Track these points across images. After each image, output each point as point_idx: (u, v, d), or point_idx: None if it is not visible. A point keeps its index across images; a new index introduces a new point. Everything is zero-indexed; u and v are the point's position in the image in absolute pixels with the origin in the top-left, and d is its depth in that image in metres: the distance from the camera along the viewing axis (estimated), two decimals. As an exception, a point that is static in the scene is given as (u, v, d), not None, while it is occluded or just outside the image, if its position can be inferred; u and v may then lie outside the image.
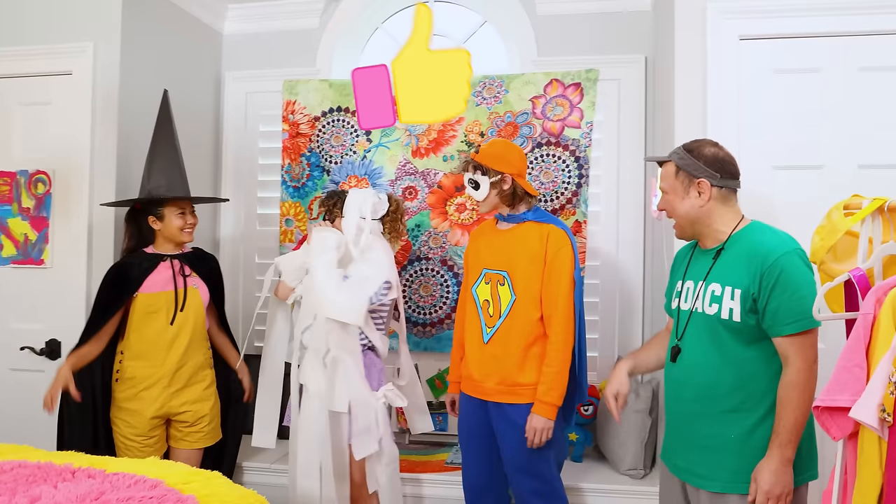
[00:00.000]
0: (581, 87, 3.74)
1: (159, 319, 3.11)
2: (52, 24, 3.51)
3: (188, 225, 3.20)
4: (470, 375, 2.97)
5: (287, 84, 4.01)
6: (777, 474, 2.05)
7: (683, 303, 2.35)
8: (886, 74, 2.93)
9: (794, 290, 2.06)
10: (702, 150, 2.26)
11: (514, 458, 2.86)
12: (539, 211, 2.95)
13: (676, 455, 2.34)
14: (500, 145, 2.99)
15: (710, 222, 2.26)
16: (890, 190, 2.70)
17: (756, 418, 2.15)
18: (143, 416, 3.08)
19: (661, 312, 3.50)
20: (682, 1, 3.06)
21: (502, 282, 2.88)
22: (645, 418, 3.37)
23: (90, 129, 3.46)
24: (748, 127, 2.98)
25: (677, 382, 2.33)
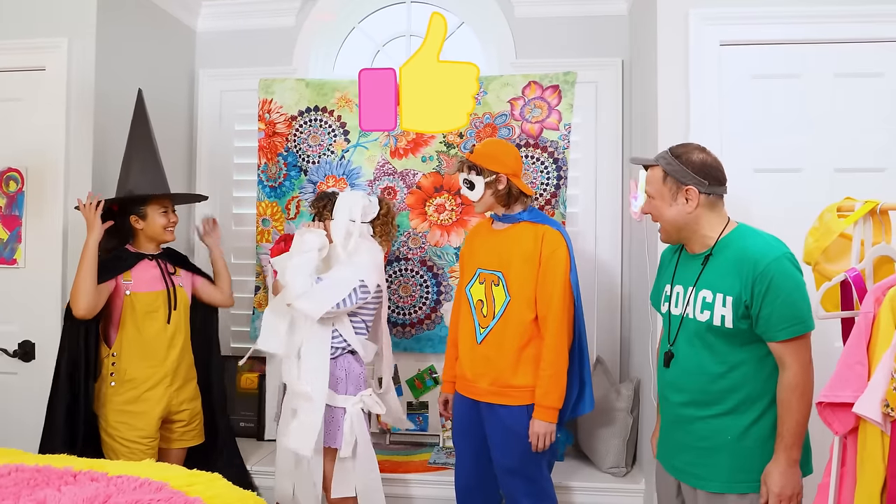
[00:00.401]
0: (559, 89, 3.77)
1: (158, 318, 3.13)
2: (24, 19, 3.42)
3: (171, 223, 3.20)
4: (463, 375, 2.99)
5: (263, 83, 3.97)
6: (786, 476, 2.10)
7: (674, 307, 2.38)
8: (861, 81, 3.02)
9: (787, 296, 2.09)
10: (690, 157, 2.26)
11: (504, 460, 2.88)
12: (534, 211, 2.96)
13: (673, 456, 2.38)
14: (495, 145, 2.99)
15: (697, 228, 2.28)
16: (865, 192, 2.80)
17: (751, 419, 2.19)
18: (151, 416, 3.06)
19: (641, 312, 3.58)
20: (664, 7, 3.11)
21: (497, 282, 2.89)
22: (626, 417, 3.42)
23: (65, 126, 3.37)
24: (729, 131, 3.04)
25: (671, 386, 2.36)
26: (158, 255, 3.22)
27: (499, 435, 2.87)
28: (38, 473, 1.99)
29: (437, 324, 3.89)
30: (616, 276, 3.88)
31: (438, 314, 3.89)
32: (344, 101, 3.91)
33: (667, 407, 2.41)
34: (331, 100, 3.92)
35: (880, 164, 3.00)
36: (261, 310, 4.00)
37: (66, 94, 3.38)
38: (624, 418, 3.42)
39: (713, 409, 2.23)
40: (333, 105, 3.92)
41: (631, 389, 3.45)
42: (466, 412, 3.00)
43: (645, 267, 3.35)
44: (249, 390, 3.96)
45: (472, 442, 3.00)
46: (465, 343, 3.00)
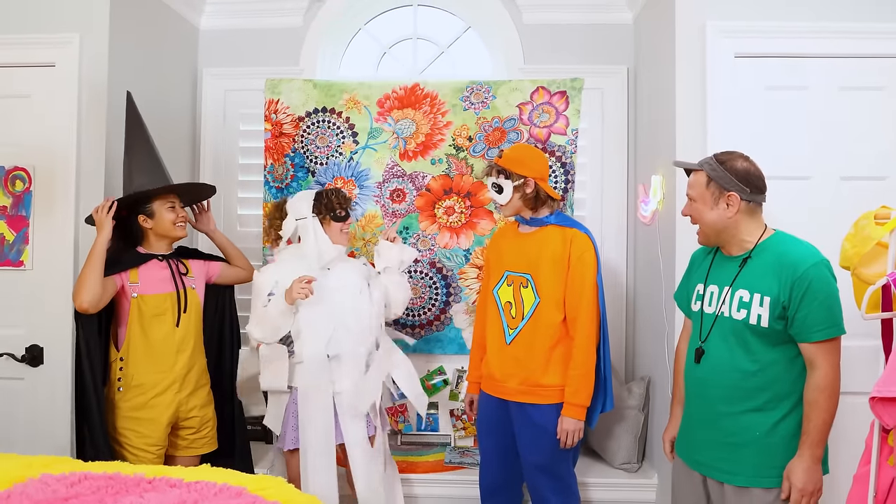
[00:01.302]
0: (566, 95, 3.86)
1: (167, 322, 3.02)
2: (33, 14, 3.32)
3: (180, 219, 3.09)
4: (491, 375, 3.04)
5: (270, 83, 3.94)
6: (809, 472, 2.20)
7: (707, 306, 2.46)
8: (864, 93, 3.18)
9: (823, 300, 2.19)
10: (734, 164, 2.35)
11: (533, 458, 2.94)
12: (561, 215, 3.04)
13: (698, 451, 2.46)
14: (523, 150, 3.06)
15: (736, 232, 2.37)
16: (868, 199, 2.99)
17: (778, 416, 2.28)
18: (159, 423, 2.98)
19: (648, 313, 3.69)
20: (682, 19, 3.21)
21: (525, 284, 2.96)
22: (637, 414, 3.53)
23: (76, 124, 3.27)
24: (743, 139, 3.13)
25: (701, 382, 2.44)
26: (170, 255, 3.13)
27: (529, 433, 2.94)
28: (112, 480, 1.98)
29: (446, 325, 3.94)
30: (622, 277, 4.00)
31: (448, 315, 3.94)
32: (352, 103, 3.92)
33: (695, 403, 2.49)
34: (339, 101, 3.92)
35: (882, 173, 3.16)
36: (267, 311, 3.98)
37: (78, 91, 3.29)
38: (635, 416, 3.53)
39: (743, 406, 2.32)
40: (342, 106, 3.92)
41: (642, 388, 3.56)
42: (494, 411, 3.06)
43: (655, 268, 3.47)
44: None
45: (498, 441, 3.06)
46: (493, 344, 3.06)
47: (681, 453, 2.57)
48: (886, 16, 3.14)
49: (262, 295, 3.01)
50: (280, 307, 2.92)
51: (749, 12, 3.18)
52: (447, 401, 3.97)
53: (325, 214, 3.08)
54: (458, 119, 3.90)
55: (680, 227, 3.15)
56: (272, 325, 2.96)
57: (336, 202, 3.11)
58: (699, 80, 3.19)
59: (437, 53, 4.25)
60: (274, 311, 2.93)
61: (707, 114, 3.18)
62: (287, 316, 2.95)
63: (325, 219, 3.09)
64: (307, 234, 3.06)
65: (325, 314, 3.00)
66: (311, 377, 3.00)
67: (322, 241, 3.06)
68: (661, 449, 3.34)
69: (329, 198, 3.11)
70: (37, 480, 2.02)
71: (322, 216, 3.09)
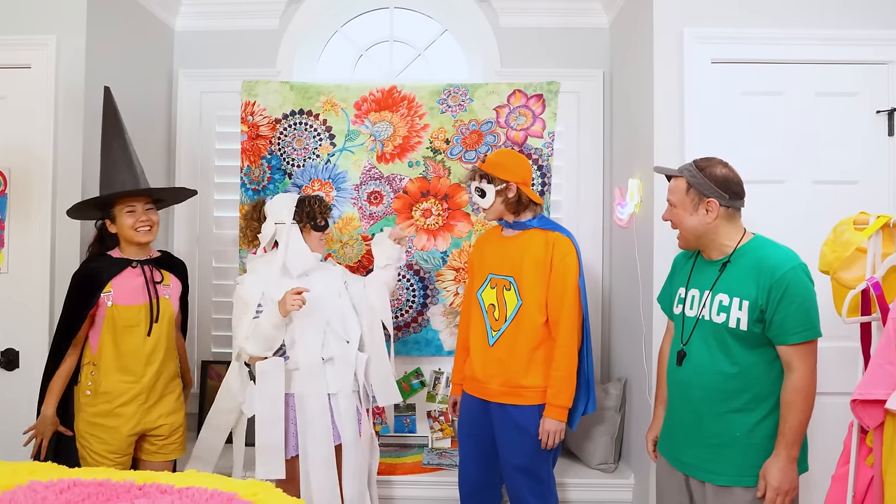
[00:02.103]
0: (543, 98, 3.89)
1: (138, 333, 2.97)
2: (8, 15, 3.29)
3: (140, 223, 2.98)
4: (473, 376, 3.06)
5: (246, 85, 3.92)
6: (784, 472, 2.24)
7: (689, 309, 2.51)
8: (837, 99, 3.24)
9: (800, 303, 2.24)
10: (713, 171, 2.40)
11: (514, 459, 2.97)
12: (544, 219, 3.07)
13: (681, 451, 2.50)
14: (505, 155, 3.08)
15: (716, 237, 2.42)
16: (841, 203, 3.08)
17: (758, 417, 2.33)
18: (121, 433, 2.93)
19: (624, 314, 3.73)
20: (660, 25, 3.25)
21: (508, 287, 2.98)
22: (615, 415, 3.57)
23: (52, 125, 3.26)
24: (719, 143, 3.16)
25: (683, 384, 2.48)
26: (145, 261, 3.06)
27: (510, 434, 2.96)
28: (102, 487, 1.95)
29: (423, 327, 3.95)
30: (597, 279, 4.04)
31: (425, 317, 3.95)
32: (329, 105, 3.91)
33: (677, 404, 2.53)
34: (316, 103, 3.91)
35: (854, 178, 3.23)
36: (243, 313, 3.96)
37: (55, 93, 3.27)
38: (612, 416, 3.57)
39: (723, 407, 2.36)
40: (319, 109, 3.91)
41: (619, 389, 3.59)
42: (475, 412, 3.08)
43: (631, 271, 3.52)
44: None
45: (478, 441, 3.08)
46: (476, 345, 3.08)
47: (664, 453, 2.61)
48: (860, 23, 3.21)
49: (250, 308, 2.99)
50: (274, 320, 2.90)
51: (725, 19, 3.24)
52: (424, 402, 3.98)
53: (306, 222, 3.06)
54: (435, 122, 3.91)
55: (658, 231, 3.19)
56: (266, 339, 2.94)
57: (318, 211, 3.09)
58: (677, 85, 3.23)
59: (413, 56, 4.26)
60: (267, 325, 2.91)
61: (685, 119, 3.22)
62: (280, 328, 2.93)
63: (305, 227, 3.06)
64: (283, 239, 3.03)
65: (315, 320, 2.99)
66: (308, 382, 2.99)
67: (300, 248, 3.03)
68: (638, 449, 3.42)
69: (311, 206, 3.08)
70: (25, 487, 1.99)
71: (302, 224, 3.06)
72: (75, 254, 3.28)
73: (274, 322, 2.89)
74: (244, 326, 2.98)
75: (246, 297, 3.01)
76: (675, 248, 3.11)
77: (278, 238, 3.05)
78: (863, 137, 3.24)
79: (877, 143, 3.23)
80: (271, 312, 2.90)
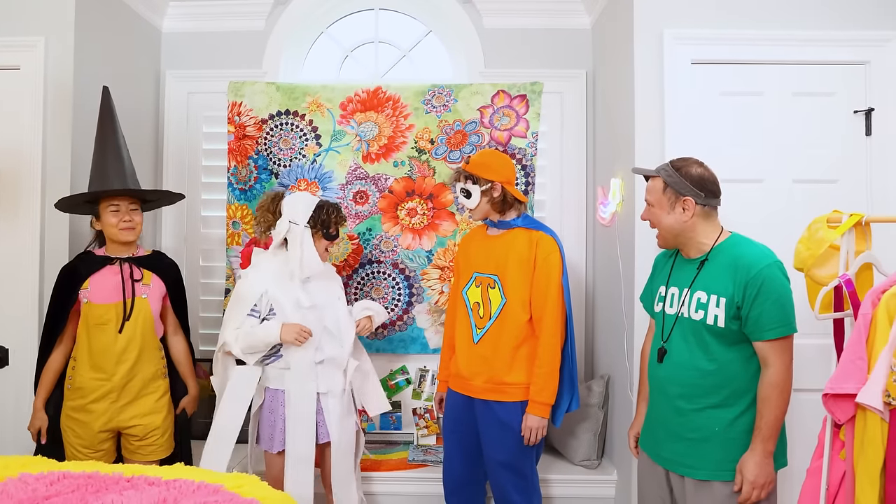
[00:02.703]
0: (527, 98, 3.93)
1: (108, 331, 2.99)
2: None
3: (123, 223, 3.01)
4: (459, 373, 3.09)
5: (233, 85, 3.95)
6: (760, 466, 2.28)
7: (669, 307, 2.55)
8: (816, 99, 3.28)
9: (776, 300, 2.27)
10: (689, 170, 2.44)
11: (497, 455, 3.00)
12: (528, 218, 3.10)
13: (661, 446, 2.54)
14: (489, 155, 3.11)
15: (693, 235, 2.45)
16: (819, 202, 3.13)
17: (737, 412, 2.36)
18: (91, 428, 2.98)
19: (607, 312, 3.77)
20: (640, 26, 3.28)
21: (493, 285, 3.02)
22: (597, 412, 3.61)
23: (41, 126, 3.31)
24: (699, 143, 3.21)
25: (663, 381, 2.52)
26: (132, 259, 3.09)
27: (493, 430, 3.00)
28: (91, 479, 2.00)
29: (409, 325, 3.99)
30: (581, 277, 4.08)
31: (410, 315, 3.99)
32: (315, 106, 3.94)
33: (658, 400, 2.56)
34: (302, 104, 3.95)
35: (833, 176, 3.27)
36: (231, 312, 3.99)
37: (44, 94, 3.31)
38: (595, 413, 3.61)
39: (702, 403, 2.39)
40: (305, 109, 3.95)
41: (602, 386, 3.63)
42: (460, 409, 3.11)
43: (613, 269, 3.56)
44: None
45: (462, 438, 3.12)
46: (461, 343, 3.12)
47: (645, 448, 2.65)
48: (837, 24, 3.25)
49: (246, 305, 3.03)
50: (269, 340, 2.96)
51: (705, 20, 3.27)
52: (410, 400, 4.01)
53: (319, 229, 3.09)
54: (420, 122, 3.94)
55: (639, 229, 3.23)
56: (254, 349, 2.99)
57: (333, 220, 3.13)
58: (657, 85, 3.27)
59: (398, 57, 4.30)
60: (261, 339, 2.96)
61: (665, 119, 3.25)
62: (270, 345, 3.00)
63: (317, 232, 3.09)
64: (295, 241, 3.05)
65: (311, 323, 3.02)
66: (299, 382, 3.03)
67: (310, 254, 3.06)
68: (621, 446, 3.46)
69: (328, 214, 3.11)
70: (16, 479, 2.04)
71: (315, 229, 3.09)
72: (64, 252, 3.32)
73: (269, 341, 2.96)
74: (235, 320, 3.03)
75: (245, 293, 3.05)
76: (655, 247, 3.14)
77: (289, 238, 3.08)
78: (841, 137, 3.28)
79: (855, 142, 3.27)
80: (270, 331, 2.96)
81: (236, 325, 3.02)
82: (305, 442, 3.00)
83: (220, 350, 3.10)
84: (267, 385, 3.08)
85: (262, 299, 3.03)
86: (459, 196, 3.07)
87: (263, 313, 3.04)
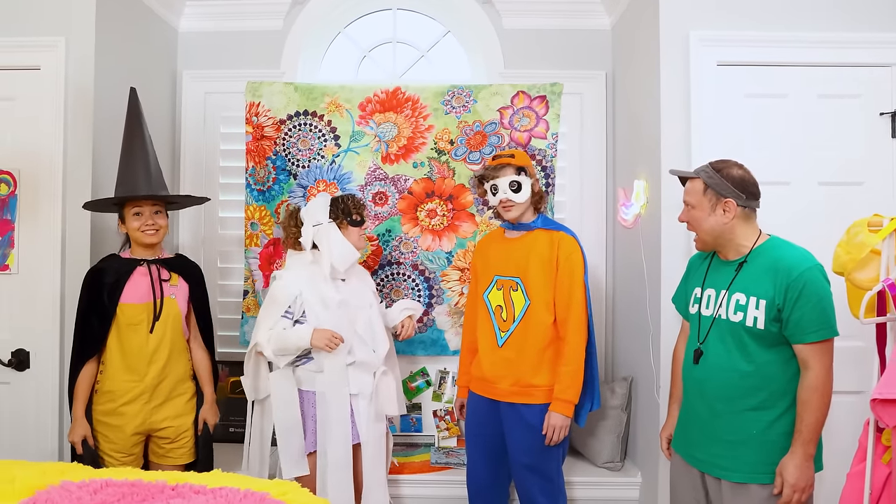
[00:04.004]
0: (546, 99, 3.91)
1: (140, 331, 2.98)
2: (18, 17, 3.29)
3: (146, 226, 3.01)
4: (482, 377, 3.08)
5: (250, 85, 3.92)
6: (801, 469, 2.27)
7: (704, 309, 2.55)
8: (842, 101, 3.28)
9: (817, 303, 2.28)
10: (730, 172, 2.45)
11: (523, 458, 2.99)
12: (547, 219, 3.10)
13: (696, 448, 2.54)
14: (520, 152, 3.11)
15: (733, 237, 2.46)
16: (845, 204, 3.14)
17: (775, 415, 2.36)
18: (124, 432, 2.95)
19: (625, 315, 3.78)
20: (666, 28, 3.28)
21: (515, 288, 3.01)
22: (620, 414, 3.61)
23: (62, 127, 3.28)
24: (725, 145, 3.22)
25: (700, 382, 2.51)
26: (158, 260, 3.08)
27: (519, 433, 2.98)
28: (135, 487, 1.97)
29: (428, 327, 3.97)
30: (601, 279, 4.07)
31: (430, 317, 3.97)
32: (334, 106, 3.92)
33: (694, 401, 2.55)
34: (320, 104, 3.92)
35: (858, 178, 3.27)
36: (249, 314, 3.96)
37: (64, 94, 3.28)
38: (618, 415, 3.61)
39: (740, 405, 2.39)
40: (323, 109, 3.92)
41: (625, 388, 3.63)
42: (483, 412, 3.10)
43: (636, 271, 3.56)
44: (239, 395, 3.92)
45: (486, 441, 3.10)
46: (484, 346, 3.10)
47: (678, 449, 2.64)
48: (864, 26, 3.25)
49: (280, 306, 3.02)
50: (301, 344, 2.95)
51: (731, 22, 3.27)
52: (430, 402, 4.00)
53: (343, 219, 3.09)
54: (439, 123, 3.92)
55: (666, 231, 3.23)
56: (286, 353, 2.99)
57: (352, 207, 3.12)
58: (683, 87, 3.27)
59: (416, 57, 4.28)
60: (293, 344, 2.96)
61: (691, 121, 3.25)
62: (301, 349, 3.00)
63: (343, 223, 3.09)
64: (324, 239, 3.06)
65: (344, 326, 3.02)
66: (333, 385, 3.02)
67: (342, 244, 3.06)
68: (645, 447, 3.46)
69: (345, 203, 3.12)
70: (58, 487, 2.00)
71: (339, 221, 3.09)
72: (86, 254, 3.29)
73: (300, 345, 2.96)
74: (269, 320, 3.01)
75: (279, 295, 3.04)
76: (683, 249, 3.18)
77: (317, 240, 3.07)
78: (866, 139, 3.28)
79: (881, 144, 3.28)
80: (301, 336, 2.95)
81: (269, 325, 3.00)
82: (342, 445, 3.00)
83: (252, 351, 3.08)
84: (299, 387, 3.06)
85: (297, 301, 3.02)
86: (507, 191, 3.01)
87: (297, 315, 3.02)
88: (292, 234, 3.15)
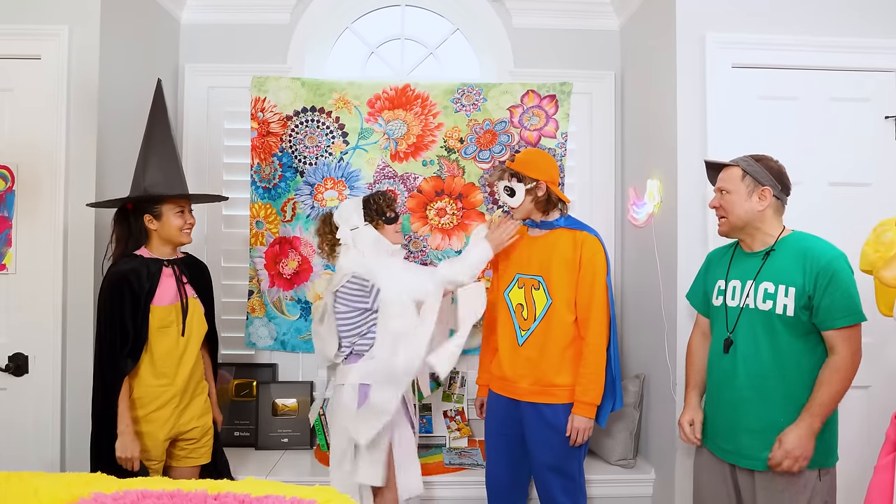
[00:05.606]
0: (556, 98, 3.92)
1: (171, 333, 2.87)
2: (17, 4, 3.15)
3: (188, 225, 2.94)
4: (503, 376, 3.06)
5: (256, 80, 3.85)
6: (801, 439, 2.33)
7: (730, 300, 2.59)
8: (852, 104, 3.36)
9: (845, 289, 2.36)
10: (769, 163, 2.56)
11: (545, 458, 2.97)
12: (571, 218, 3.08)
13: (723, 439, 2.57)
14: (535, 154, 3.09)
15: (761, 226, 2.54)
16: (854, 204, 3.21)
17: (801, 404, 2.39)
18: (157, 439, 2.82)
19: (637, 314, 3.79)
20: (682, 30, 3.31)
21: (537, 286, 2.99)
22: (633, 411, 3.62)
23: (65, 120, 3.13)
24: (738, 145, 3.22)
25: (728, 371, 2.56)
26: (175, 260, 2.97)
27: (541, 432, 2.97)
28: (174, 499, 1.86)
29: (438, 326, 3.94)
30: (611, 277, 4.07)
31: (440, 316, 3.94)
32: (342, 103, 3.86)
33: (723, 391, 2.59)
34: (328, 100, 3.86)
35: (867, 179, 3.34)
36: (254, 315, 3.89)
37: (67, 86, 3.14)
38: (631, 413, 3.62)
39: (769, 393, 2.44)
40: (331, 106, 3.86)
41: (638, 385, 3.65)
42: (503, 412, 3.08)
43: (648, 269, 3.58)
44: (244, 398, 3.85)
45: (506, 441, 3.09)
46: (505, 345, 3.08)
47: (707, 443, 2.67)
48: (874, 32, 3.32)
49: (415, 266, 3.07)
50: (484, 256, 2.98)
51: (746, 26, 3.31)
52: (440, 402, 3.96)
53: (377, 219, 3.03)
54: (449, 121, 3.90)
55: (682, 230, 3.25)
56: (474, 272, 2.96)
57: (385, 205, 3.07)
58: (699, 89, 3.29)
59: (423, 55, 4.24)
60: (477, 259, 2.96)
61: (707, 120, 3.28)
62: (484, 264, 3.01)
63: (378, 223, 3.03)
64: (365, 241, 2.99)
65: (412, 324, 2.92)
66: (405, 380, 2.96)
67: (383, 245, 3.01)
68: (658, 444, 3.48)
69: (377, 202, 3.06)
70: (90, 500, 1.89)
71: (374, 221, 3.03)
72: (89, 253, 3.16)
73: (483, 258, 2.98)
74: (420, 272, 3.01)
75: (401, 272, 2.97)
76: (699, 247, 3.21)
77: (356, 242, 3.01)
78: (873, 141, 3.36)
79: (886, 147, 3.36)
80: (485, 249, 2.98)
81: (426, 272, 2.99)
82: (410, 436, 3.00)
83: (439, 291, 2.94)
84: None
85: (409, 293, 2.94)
86: (502, 194, 3.04)
87: None
88: (329, 241, 3.08)
